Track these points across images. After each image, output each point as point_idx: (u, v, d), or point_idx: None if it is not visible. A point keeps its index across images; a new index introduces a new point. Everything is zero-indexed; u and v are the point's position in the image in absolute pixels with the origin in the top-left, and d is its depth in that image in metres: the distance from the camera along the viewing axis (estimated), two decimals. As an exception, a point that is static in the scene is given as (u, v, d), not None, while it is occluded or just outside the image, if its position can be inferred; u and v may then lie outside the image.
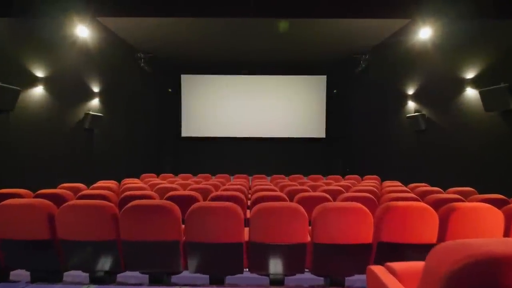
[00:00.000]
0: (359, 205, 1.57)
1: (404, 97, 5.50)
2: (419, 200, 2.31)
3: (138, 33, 6.06)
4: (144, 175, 5.09)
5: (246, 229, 1.70)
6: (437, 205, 2.04)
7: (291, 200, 2.47)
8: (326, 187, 3.19)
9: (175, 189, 2.96)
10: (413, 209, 1.55)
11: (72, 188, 2.99)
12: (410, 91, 5.35)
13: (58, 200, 2.31)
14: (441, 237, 1.57)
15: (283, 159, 9.15)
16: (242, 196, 2.34)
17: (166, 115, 8.76)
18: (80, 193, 2.32)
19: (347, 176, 5.17)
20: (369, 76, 7.15)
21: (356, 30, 5.80)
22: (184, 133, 8.93)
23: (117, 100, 6.13)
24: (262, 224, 1.57)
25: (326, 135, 8.93)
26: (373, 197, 2.30)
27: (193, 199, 2.26)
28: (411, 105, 5.33)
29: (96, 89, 5.35)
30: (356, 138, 7.94)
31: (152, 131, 7.99)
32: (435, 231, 1.55)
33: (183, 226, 1.65)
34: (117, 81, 6.13)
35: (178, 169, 8.60)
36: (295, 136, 8.92)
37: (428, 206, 1.56)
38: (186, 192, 2.31)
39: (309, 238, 1.61)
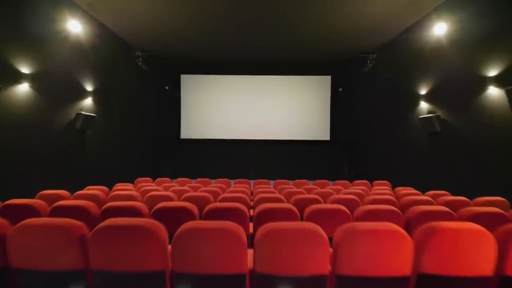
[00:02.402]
0: (395, 226, 1.23)
1: (416, 98, 5.16)
2: (452, 214, 1.97)
3: (135, 30, 5.77)
4: (139, 179, 4.77)
5: (250, 252, 1.37)
6: (476, 221, 1.70)
7: (301, 212, 2.13)
8: (337, 196, 2.85)
9: (168, 198, 2.63)
10: (465, 232, 1.21)
11: (52, 196, 2.67)
12: (423, 91, 5.01)
13: (31, 212, 1.98)
14: (500, 269, 1.23)
15: (286, 162, 8.82)
16: (244, 208, 2.00)
17: (165, 116, 8.46)
18: (55, 204, 1.99)
19: (355, 182, 4.82)
20: (377, 76, 6.83)
21: (364, 28, 5.49)
22: (183, 135, 8.61)
23: (112, 100, 5.83)
24: (270, 250, 1.23)
25: (330, 138, 8.60)
26: (398, 210, 1.96)
27: (187, 212, 1.93)
28: (424, 105, 4.99)
29: (89, 87, 5.05)
30: (362, 140, 7.61)
31: (150, 133, 7.68)
32: (492, 260, 1.21)
33: (170, 247, 1.31)
34: (112, 80, 5.83)
35: (176, 172, 8.27)
36: (298, 139, 8.59)
37: (483, 229, 1.22)
38: (179, 204, 1.98)
39: (329, 268, 1.27)
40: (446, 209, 2.00)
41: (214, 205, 1.98)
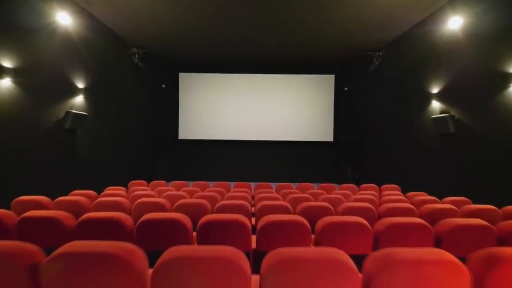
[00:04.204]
0: (446, 255, 0.94)
1: (427, 97, 4.87)
2: (491, 229, 1.67)
3: (131, 24, 5.49)
4: (132, 182, 4.49)
5: (254, 279, 1.07)
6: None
7: (311, 223, 1.83)
8: (349, 204, 2.55)
9: (159, 206, 2.33)
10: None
11: (29, 203, 2.37)
12: (435, 90, 4.72)
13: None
14: None
15: (288, 164, 8.54)
16: (246, 220, 1.70)
17: (162, 116, 8.17)
18: (24, 215, 1.69)
19: (362, 186, 4.53)
20: (383, 74, 6.55)
21: (370, 23, 5.20)
22: (181, 136, 8.32)
23: (106, 98, 5.53)
24: (281, 286, 0.93)
25: (333, 139, 8.31)
26: (427, 224, 1.66)
27: (178, 226, 1.63)
28: (436, 105, 4.70)
29: (80, 85, 4.75)
30: (368, 142, 7.31)
31: (147, 133, 7.38)
32: None
33: (151, 275, 1.01)
34: (106, 77, 5.53)
35: (174, 174, 7.99)
36: (300, 140, 8.31)
37: None
38: (169, 215, 1.68)
39: (359, 308, 0.97)
40: (483, 222, 1.70)
41: (210, 217, 1.68)
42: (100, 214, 1.67)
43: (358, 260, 1.72)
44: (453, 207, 2.50)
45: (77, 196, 2.75)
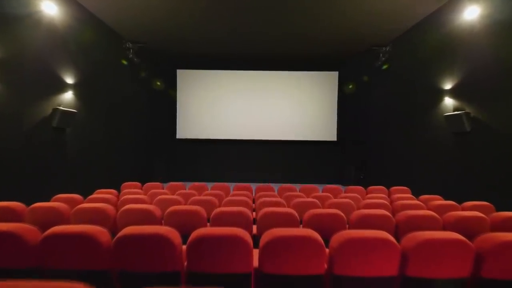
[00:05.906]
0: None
1: (439, 93, 4.59)
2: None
3: (125, 17, 5.19)
4: (125, 184, 4.20)
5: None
6: None
7: (322, 234, 1.54)
8: (362, 211, 2.26)
9: (147, 215, 2.04)
10: None
11: (1, 211, 2.08)
12: (448, 86, 4.43)
13: None
14: None
15: (289, 164, 8.26)
16: (247, 235, 1.42)
17: (159, 114, 7.88)
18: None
19: (370, 188, 4.25)
20: (391, 70, 6.26)
21: (379, 15, 4.90)
22: (179, 135, 8.03)
23: (98, 95, 5.24)
24: None
25: (337, 138, 8.02)
26: (467, 241, 1.37)
27: (164, 242, 1.34)
28: (449, 102, 4.42)
29: (69, 80, 4.46)
30: (372, 141, 7.03)
31: (143, 132, 7.10)
32: None
33: None
34: (98, 73, 5.24)
35: (172, 175, 7.70)
36: (302, 139, 8.02)
37: None
38: (155, 230, 1.39)
39: None
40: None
41: (204, 232, 1.39)
42: (69, 228, 1.38)
43: (383, 283, 1.44)
44: (481, 214, 2.21)
45: (58, 201, 2.46)
